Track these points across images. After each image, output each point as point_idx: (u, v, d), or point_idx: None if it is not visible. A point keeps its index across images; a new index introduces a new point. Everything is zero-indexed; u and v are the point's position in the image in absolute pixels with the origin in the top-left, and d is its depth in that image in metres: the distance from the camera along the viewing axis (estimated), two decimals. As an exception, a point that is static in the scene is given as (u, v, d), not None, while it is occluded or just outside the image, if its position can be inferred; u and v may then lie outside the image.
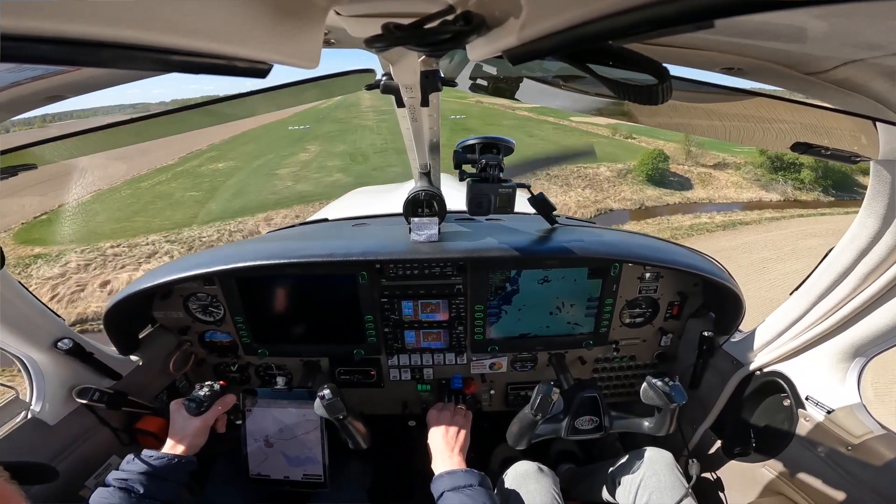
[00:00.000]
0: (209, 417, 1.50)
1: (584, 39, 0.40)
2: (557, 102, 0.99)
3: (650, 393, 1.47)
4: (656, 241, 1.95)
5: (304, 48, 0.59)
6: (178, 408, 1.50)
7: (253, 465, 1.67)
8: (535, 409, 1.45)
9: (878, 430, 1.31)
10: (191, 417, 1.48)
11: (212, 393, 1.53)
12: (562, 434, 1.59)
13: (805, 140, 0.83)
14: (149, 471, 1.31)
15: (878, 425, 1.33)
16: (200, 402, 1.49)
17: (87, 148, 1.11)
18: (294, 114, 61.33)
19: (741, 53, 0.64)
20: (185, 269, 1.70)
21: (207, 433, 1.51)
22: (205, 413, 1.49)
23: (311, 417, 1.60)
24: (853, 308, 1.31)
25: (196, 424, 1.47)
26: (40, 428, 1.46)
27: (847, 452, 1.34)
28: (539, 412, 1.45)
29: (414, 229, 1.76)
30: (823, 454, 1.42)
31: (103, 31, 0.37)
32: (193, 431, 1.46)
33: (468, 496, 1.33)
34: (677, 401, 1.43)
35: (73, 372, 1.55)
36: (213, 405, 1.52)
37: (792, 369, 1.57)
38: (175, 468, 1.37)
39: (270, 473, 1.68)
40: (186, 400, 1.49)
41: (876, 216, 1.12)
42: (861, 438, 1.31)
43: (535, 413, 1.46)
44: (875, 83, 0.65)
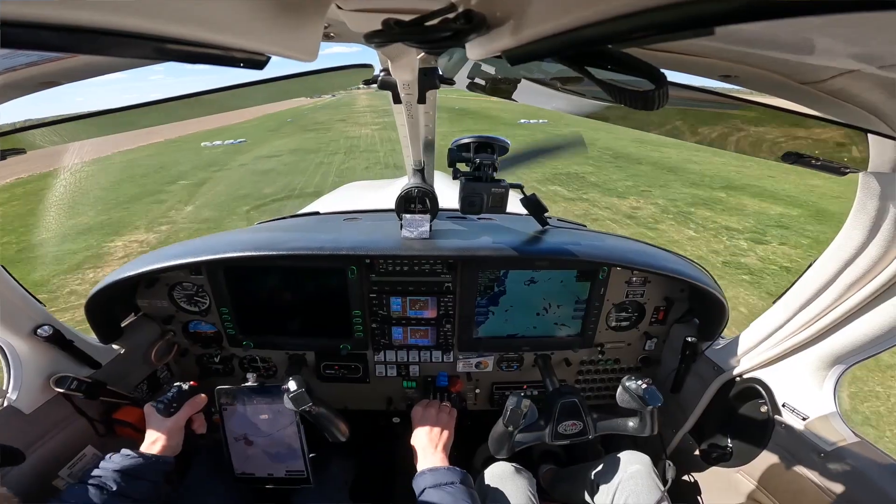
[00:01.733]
0: (180, 418, 1.49)
1: (583, 42, 0.40)
2: (554, 104, 1.00)
3: (625, 396, 1.48)
4: (646, 246, 1.97)
5: (303, 41, 0.59)
6: (150, 410, 1.49)
7: (237, 464, 1.65)
8: (505, 421, 1.46)
9: (852, 438, 1.33)
10: (162, 419, 1.46)
11: (179, 393, 1.52)
12: (546, 440, 1.60)
13: (796, 150, 0.85)
14: (124, 469, 1.30)
15: (851, 433, 1.35)
16: (168, 403, 1.47)
17: (77, 135, 1.09)
18: (252, 117, 49.01)
19: (739, 61, 0.65)
20: (172, 258, 1.67)
21: (182, 433, 1.50)
22: (175, 414, 1.48)
23: (285, 413, 1.59)
24: (834, 318, 1.33)
25: (168, 425, 1.46)
26: (15, 416, 1.43)
27: (820, 459, 1.36)
28: (510, 424, 1.46)
29: (405, 225, 1.76)
30: (797, 460, 1.44)
31: (103, 18, 0.36)
32: (167, 432, 1.45)
33: (449, 493, 1.34)
34: (651, 403, 1.44)
35: (52, 360, 1.53)
36: (184, 405, 1.51)
37: (771, 376, 1.60)
38: (151, 467, 1.36)
39: (254, 471, 1.66)
40: (155, 402, 1.48)
41: (861, 228, 1.14)
42: (834, 446, 1.33)
43: (506, 425, 1.47)
44: (870, 94, 0.66)
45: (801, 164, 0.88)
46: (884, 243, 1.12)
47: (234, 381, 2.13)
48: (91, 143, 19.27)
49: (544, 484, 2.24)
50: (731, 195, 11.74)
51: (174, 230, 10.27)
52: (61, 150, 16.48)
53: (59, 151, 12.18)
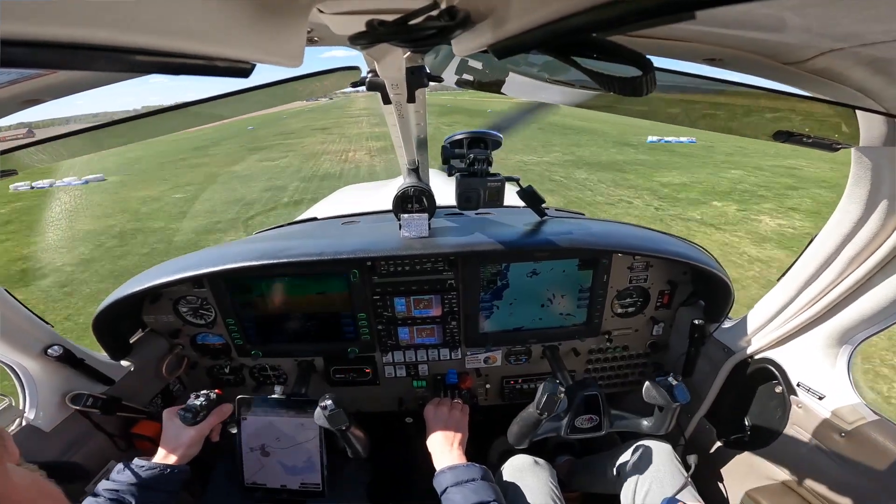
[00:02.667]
0: (205, 427, 1.48)
1: (567, 32, 0.40)
2: (543, 95, 1.00)
3: (653, 392, 1.46)
4: (645, 230, 1.97)
5: (286, 46, 0.59)
6: (172, 417, 1.48)
7: (248, 474, 1.65)
8: (540, 408, 1.44)
9: (871, 416, 1.32)
10: (185, 427, 1.45)
11: (208, 402, 1.51)
12: (562, 433, 1.59)
13: (786, 129, 0.85)
14: (139, 481, 1.29)
15: (870, 411, 1.33)
16: (196, 411, 1.46)
17: (68, 152, 1.09)
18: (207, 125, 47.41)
19: (722, 44, 0.65)
20: (174, 272, 1.68)
21: (201, 443, 1.49)
22: (200, 423, 1.47)
23: (309, 426, 1.58)
24: (840, 293, 1.33)
25: (191, 434, 1.45)
26: (36, 435, 1.45)
27: (840, 439, 1.35)
28: (545, 411, 1.44)
29: (404, 225, 1.76)
30: (817, 441, 1.43)
31: (78, 32, 0.36)
32: (188, 441, 1.44)
33: (472, 490, 1.34)
34: (680, 399, 1.42)
35: (65, 378, 1.54)
36: (211, 414, 1.50)
37: (782, 356, 1.59)
38: (167, 478, 1.35)
39: (267, 482, 1.66)
40: (181, 409, 1.46)
41: (858, 201, 1.15)
42: (854, 424, 1.32)
43: (540, 412, 1.44)
44: (854, 72, 0.66)
45: (792, 141, 0.88)
46: (881, 216, 1.12)
47: (246, 390, 2.14)
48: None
49: (562, 475, 2.25)
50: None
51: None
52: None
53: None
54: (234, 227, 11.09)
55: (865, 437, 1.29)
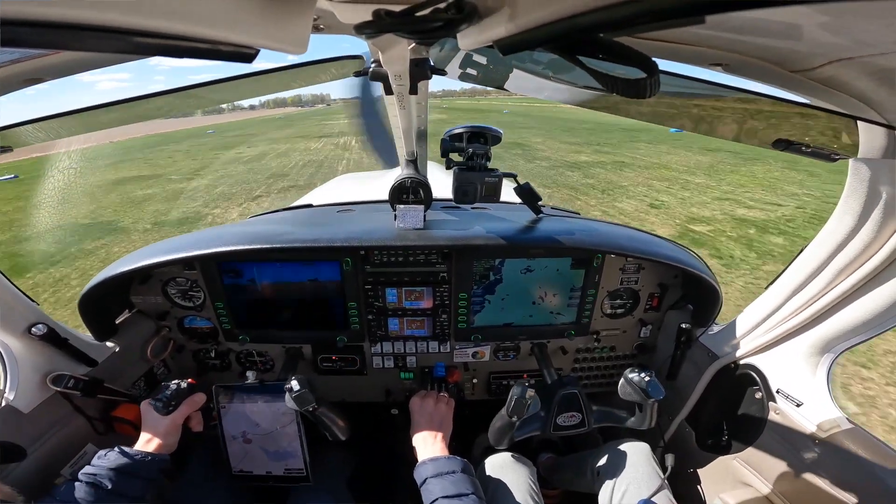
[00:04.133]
0: (178, 417, 1.48)
1: (574, 31, 0.40)
2: (546, 94, 1.00)
3: (627, 388, 1.48)
4: (639, 232, 1.98)
5: (292, 33, 0.58)
6: (148, 408, 1.48)
7: (234, 462, 1.65)
8: (510, 411, 1.46)
9: (845, 424, 1.34)
10: (160, 416, 1.45)
11: (178, 391, 1.51)
12: (545, 431, 1.60)
13: (786, 137, 0.85)
14: (118, 467, 1.29)
15: (845, 419, 1.36)
16: (167, 401, 1.46)
17: (65, 131, 1.08)
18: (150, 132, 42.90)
19: (730, 49, 0.65)
20: (165, 253, 1.66)
21: (179, 432, 1.49)
22: (173, 412, 1.47)
23: (285, 411, 1.58)
24: (826, 303, 1.34)
25: (166, 424, 1.45)
26: (14, 415, 1.43)
27: (814, 446, 1.37)
28: (514, 414, 1.45)
29: (399, 216, 1.76)
30: (792, 447, 1.45)
31: (84, 14, 0.36)
32: (164, 431, 1.44)
33: (451, 482, 1.35)
34: (654, 396, 1.44)
35: (48, 358, 1.52)
36: (182, 404, 1.50)
37: (765, 362, 1.61)
38: (146, 465, 1.35)
39: (252, 469, 1.66)
40: (153, 399, 1.46)
41: (852, 213, 1.16)
42: (829, 432, 1.34)
43: (510, 415, 1.46)
44: (859, 82, 0.67)
45: (791, 150, 0.89)
46: (874, 228, 1.13)
47: (232, 375, 2.13)
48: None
49: (544, 472, 2.27)
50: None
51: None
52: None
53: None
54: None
55: (839, 445, 1.31)
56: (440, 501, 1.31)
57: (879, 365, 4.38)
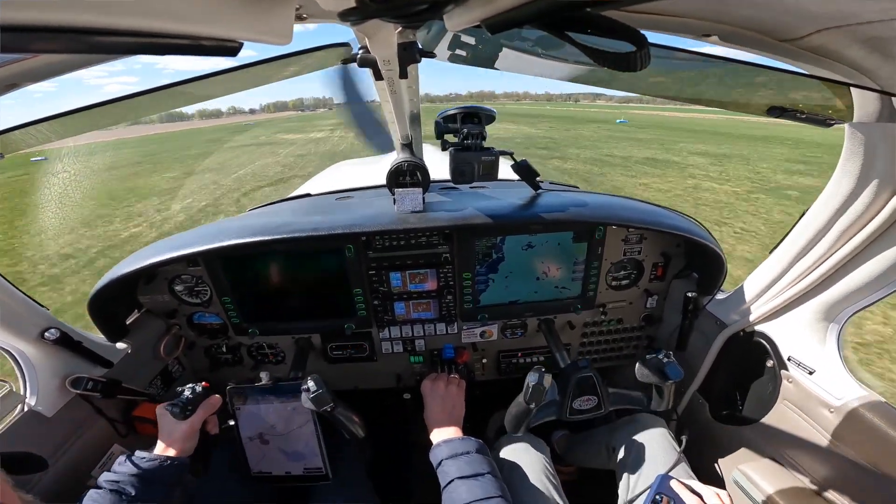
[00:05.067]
0: (195, 421, 1.47)
1: (562, 7, 0.40)
2: (536, 71, 0.98)
3: (645, 371, 1.46)
4: (638, 203, 1.97)
5: (275, 24, 0.57)
6: (163, 412, 1.47)
7: (253, 464, 1.66)
8: (528, 399, 1.44)
9: (859, 392, 1.33)
10: (177, 422, 1.45)
11: (194, 396, 1.50)
12: (561, 416, 1.59)
13: (780, 104, 0.85)
14: (139, 473, 1.30)
15: (858, 387, 1.35)
16: (184, 406, 1.45)
17: (54, 134, 1.07)
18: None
19: (718, 20, 0.64)
20: (167, 251, 1.67)
21: (196, 436, 1.49)
22: (190, 417, 1.46)
23: (301, 411, 1.57)
24: (830, 266, 1.34)
25: (183, 429, 1.44)
26: (39, 420, 1.46)
27: (830, 415, 1.36)
28: (532, 401, 1.44)
29: (398, 200, 1.75)
30: (807, 416, 1.45)
31: (58, 16, 0.35)
32: (181, 436, 1.44)
33: (466, 462, 1.36)
34: (673, 377, 1.41)
35: (64, 362, 1.54)
36: (199, 408, 1.49)
37: (774, 329, 1.60)
38: (166, 470, 1.35)
39: (272, 470, 1.66)
40: (169, 405, 1.46)
41: (851, 176, 1.16)
42: (843, 400, 1.33)
43: (528, 402, 1.45)
44: (849, 50, 0.66)
45: (786, 117, 0.88)
46: (872, 191, 1.13)
47: (244, 369, 2.16)
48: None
49: (559, 450, 2.30)
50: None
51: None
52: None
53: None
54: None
55: (854, 413, 1.30)
56: (456, 482, 1.32)
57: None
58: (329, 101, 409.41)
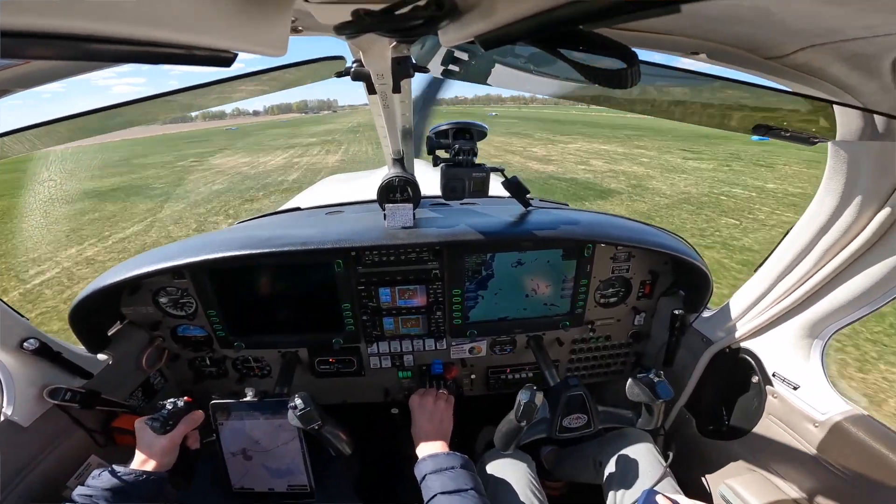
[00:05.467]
0: (176, 436, 1.44)
1: (554, 24, 0.41)
2: (529, 87, 1.00)
3: (635, 389, 1.46)
4: (627, 221, 2.00)
5: (270, 35, 0.58)
6: (143, 426, 1.43)
7: (235, 479, 1.62)
8: (519, 416, 1.43)
9: (844, 407, 1.35)
10: (157, 436, 1.41)
11: (175, 410, 1.46)
12: (551, 434, 1.58)
13: (766, 123, 0.87)
14: (114, 487, 1.25)
15: (843, 402, 1.37)
16: (164, 420, 1.42)
17: (46, 141, 1.06)
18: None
19: (706, 38, 0.66)
20: (153, 263, 1.64)
21: (176, 451, 1.45)
22: (171, 431, 1.43)
23: (287, 428, 1.54)
24: (814, 284, 1.36)
25: (163, 443, 1.40)
26: (14, 429, 1.42)
27: (814, 429, 1.37)
28: (524, 419, 1.43)
29: (389, 215, 1.75)
30: (793, 431, 1.46)
31: (51, 22, 0.35)
32: (160, 450, 1.39)
33: (450, 478, 1.35)
34: (663, 396, 1.42)
35: (43, 372, 1.51)
36: (180, 422, 1.46)
37: (759, 346, 1.62)
38: (142, 485, 1.31)
39: (254, 486, 1.62)
40: (149, 419, 1.42)
41: (834, 194, 1.18)
42: (827, 415, 1.35)
43: (519, 420, 1.44)
44: (832, 68, 0.68)
45: (771, 135, 0.90)
46: (856, 209, 1.16)
47: (229, 382, 2.12)
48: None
49: (547, 465, 2.28)
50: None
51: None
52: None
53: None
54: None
55: (839, 428, 1.31)
56: (439, 497, 1.31)
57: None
58: (334, 103, 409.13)
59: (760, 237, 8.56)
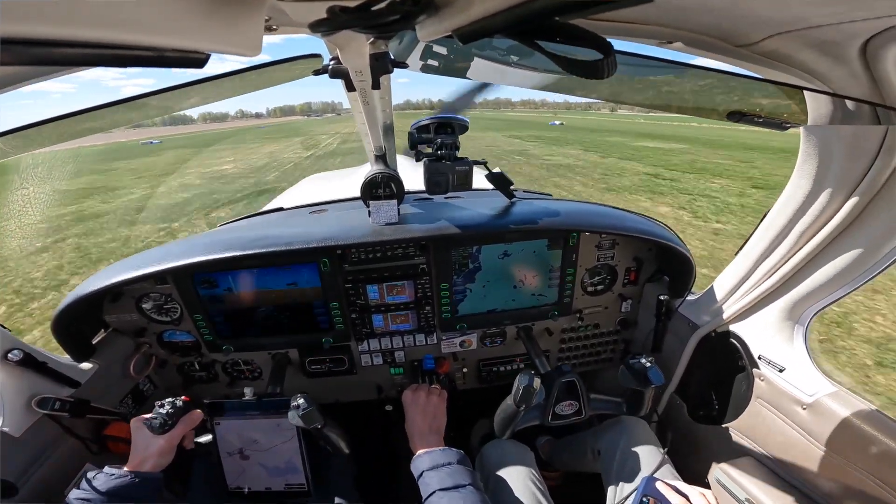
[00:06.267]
0: (175, 436, 1.42)
1: (530, 16, 0.41)
2: (508, 79, 1.00)
3: (628, 375, 1.50)
4: (610, 209, 2.02)
5: (243, 35, 0.56)
6: (140, 426, 1.41)
7: (231, 479, 1.61)
8: (517, 401, 1.45)
9: (829, 388, 1.38)
10: (154, 436, 1.39)
11: (174, 410, 1.45)
12: (544, 421, 1.60)
13: (739, 109, 0.88)
14: (110, 489, 1.23)
15: (828, 383, 1.40)
16: (164, 420, 1.40)
17: (13, 149, 1.03)
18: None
19: (678, 27, 0.67)
20: (134, 269, 1.62)
21: (173, 451, 1.43)
22: (170, 431, 1.41)
23: (285, 427, 1.54)
24: (792, 266, 1.39)
25: (160, 444, 1.39)
26: (6, 440, 1.41)
27: (802, 411, 1.40)
28: (522, 403, 1.45)
29: (373, 212, 1.75)
30: (781, 413, 1.48)
31: (11, 28, 0.34)
32: (157, 451, 1.38)
33: (447, 474, 1.35)
34: (655, 381, 1.46)
35: (29, 382, 1.49)
36: (179, 422, 1.44)
37: (744, 329, 1.65)
38: (138, 487, 1.29)
39: (251, 485, 1.62)
40: (147, 419, 1.41)
41: (808, 177, 1.21)
42: (814, 397, 1.37)
43: (518, 404, 1.46)
44: (801, 54, 0.70)
45: (745, 121, 0.91)
46: (829, 192, 1.19)
47: (220, 386, 2.10)
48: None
49: (544, 455, 2.31)
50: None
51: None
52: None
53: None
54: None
55: (825, 408, 1.34)
56: (437, 494, 1.30)
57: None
58: (338, 106, 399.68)
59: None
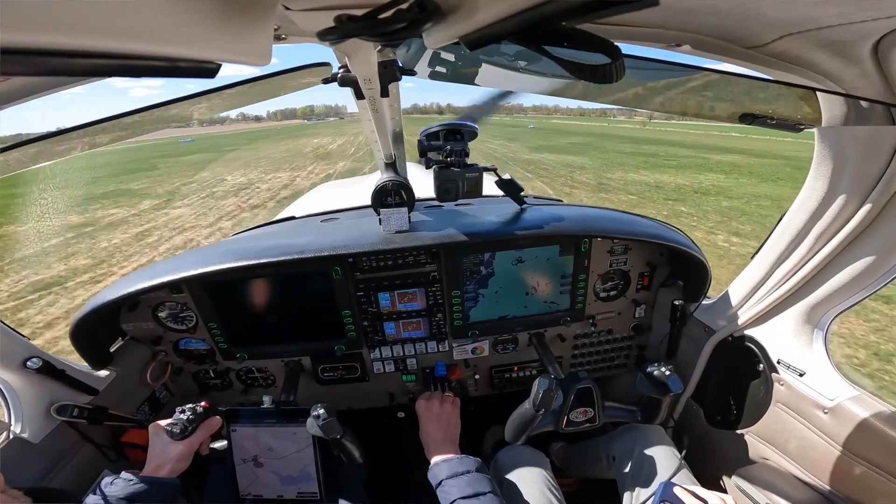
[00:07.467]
0: (194, 442, 1.43)
1: (536, 21, 0.41)
2: (516, 85, 1.00)
3: (647, 383, 1.48)
4: (622, 214, 2.00)
5: (253, 44, 0.57)
6: (158, 432, 1.42)
7: (243, 486, 1.61)
8: (536, 405, 1.44)
9: (851, 392, 1.34)
10: (173, 442, 1.40)
11: (195, 416, 1.46)
12: (557, 428, 1.58)
13: (751, 111, 0.87)
14: (128, 495, 1.24)
15: (849, 387, 1.36)
16: (184, 426, 1.41)
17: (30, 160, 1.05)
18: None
19: (686, 29, 0.66)
20: (150, 278, 1.65)
21: (191, 457, 1.44)
22: (189, 437, 1.42)
23: (302, 436, 1.54)
24: (810, 269, 1.36)
25: (179, 449, 1.39)
26: (25, 447, 1.43)
27: (824, 416, 1.37)
28: (541, 407, 1.43)
29: (384, 220, 1.75)
30: (801, 418, 1.45)
31: (26, 37, 0.34)
32: (176, 456, 1.38)
33: (467, 482, 1.34)
34: (674, 390, 1.44)
35: (48, 390, 1.52)
36: (199, 428, 1.45)
37: (761, 333, 1.61)
38: (156, 492, 1.29)
39: (262, 493, 1.62)
40: (168, 425, 1.41)
41: (824, 179, 1.19)
42: (836, 401, 1.34)
43: (536, 408, 1.44)
44: (812, 55, 0.68)
45: (757, 123, 0.90)
46: (845, 194, 1.16)
47: (234, 394, 2.12)
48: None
49: (558, 462, 2.28)
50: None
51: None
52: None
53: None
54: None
55: (848, 412, 1.31)
56: (458, 502, 1.30)
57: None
58: (342, 109, 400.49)
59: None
